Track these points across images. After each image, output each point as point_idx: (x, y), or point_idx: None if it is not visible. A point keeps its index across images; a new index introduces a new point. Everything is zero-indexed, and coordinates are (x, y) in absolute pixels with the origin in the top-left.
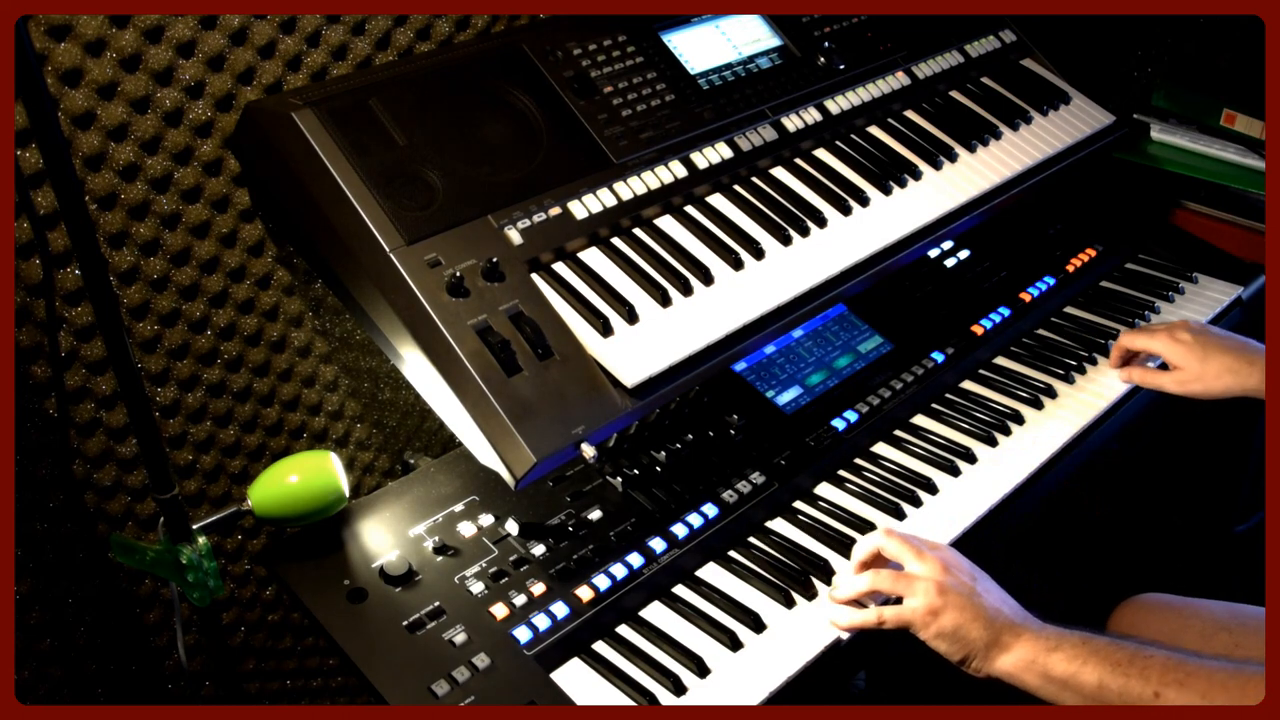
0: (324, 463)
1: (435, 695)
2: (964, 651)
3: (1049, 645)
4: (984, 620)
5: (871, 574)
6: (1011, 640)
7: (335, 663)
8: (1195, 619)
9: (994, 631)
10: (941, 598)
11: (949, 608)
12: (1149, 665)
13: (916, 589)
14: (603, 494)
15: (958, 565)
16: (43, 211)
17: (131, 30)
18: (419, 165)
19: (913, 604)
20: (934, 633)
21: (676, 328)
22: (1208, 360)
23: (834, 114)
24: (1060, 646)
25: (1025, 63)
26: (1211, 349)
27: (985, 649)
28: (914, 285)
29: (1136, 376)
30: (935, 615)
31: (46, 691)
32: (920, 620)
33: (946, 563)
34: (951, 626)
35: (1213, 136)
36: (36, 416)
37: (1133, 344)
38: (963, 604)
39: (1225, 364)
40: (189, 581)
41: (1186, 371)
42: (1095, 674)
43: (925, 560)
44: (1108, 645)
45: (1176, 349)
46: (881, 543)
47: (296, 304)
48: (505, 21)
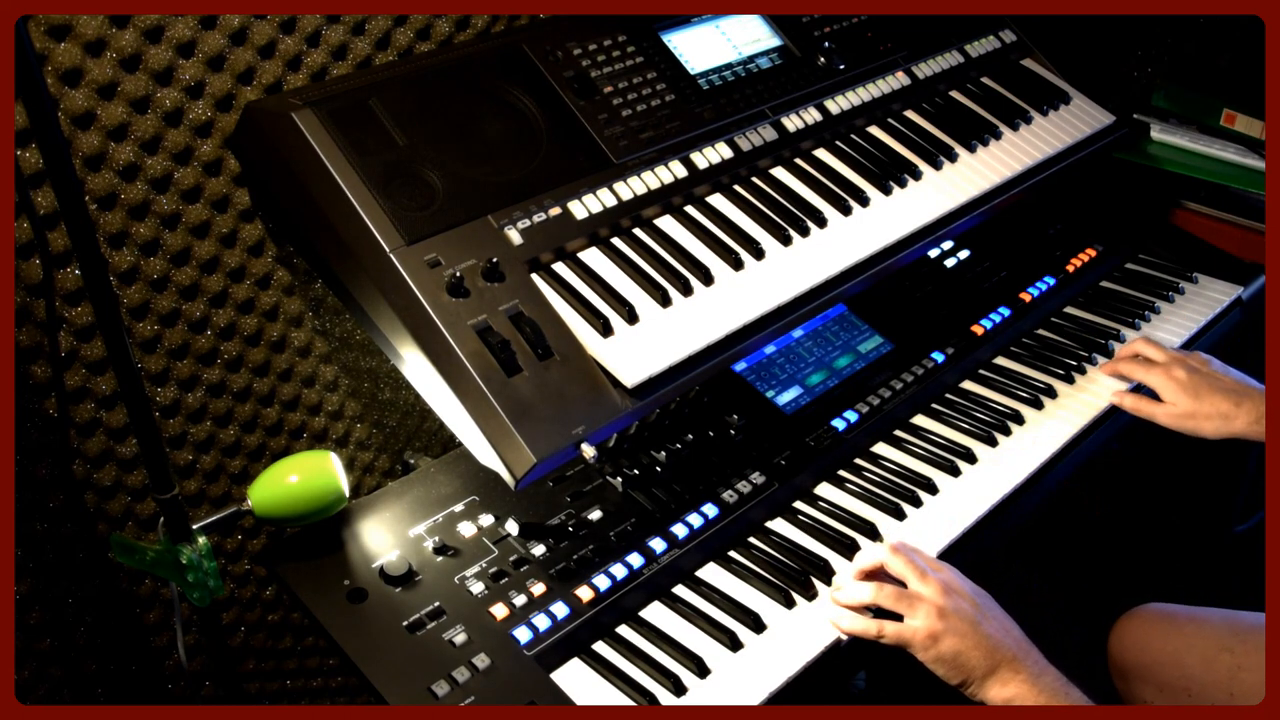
0: (324, 463)
1: (435, 695)
2: (961, 677)
3: (1041, 699)
4: (985, 650)
5: (875, 587)
6: (1009, 676)
7: (335, 663)
8: (1197, 637)
9: (993, 662)
10: (942, 622)
11: (949, 633)
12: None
13: (918, 611)
14: (603, 494)
15: (960, 590)
16: (43, 211)
17: (131, 30)
18: (419, 165)
19: (913, 624)
20: (933, 656)
21: (676, 328)
22: (1200, 400)
23: (834, 114)
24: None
25: (1025, 63)
26: (1205, 390)
27: (982, 678)
28: (914, 285)
29: (1129, 404)
30: (935, 640)
31: (46, 691)
32: (919, 642)
33: (949, 586)
34: (951, 652)
35: (1213, 136)
36: (36, 416)
37: (1131, 374)
38: (964, 631)
39: (1216, 407)
40: (189, 581)
41: (1178, 408)
42: None
43: (928, 582)
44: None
45: (1170, 385)
46: (886, 558)
47: (296, 304)
48: (505, 21)
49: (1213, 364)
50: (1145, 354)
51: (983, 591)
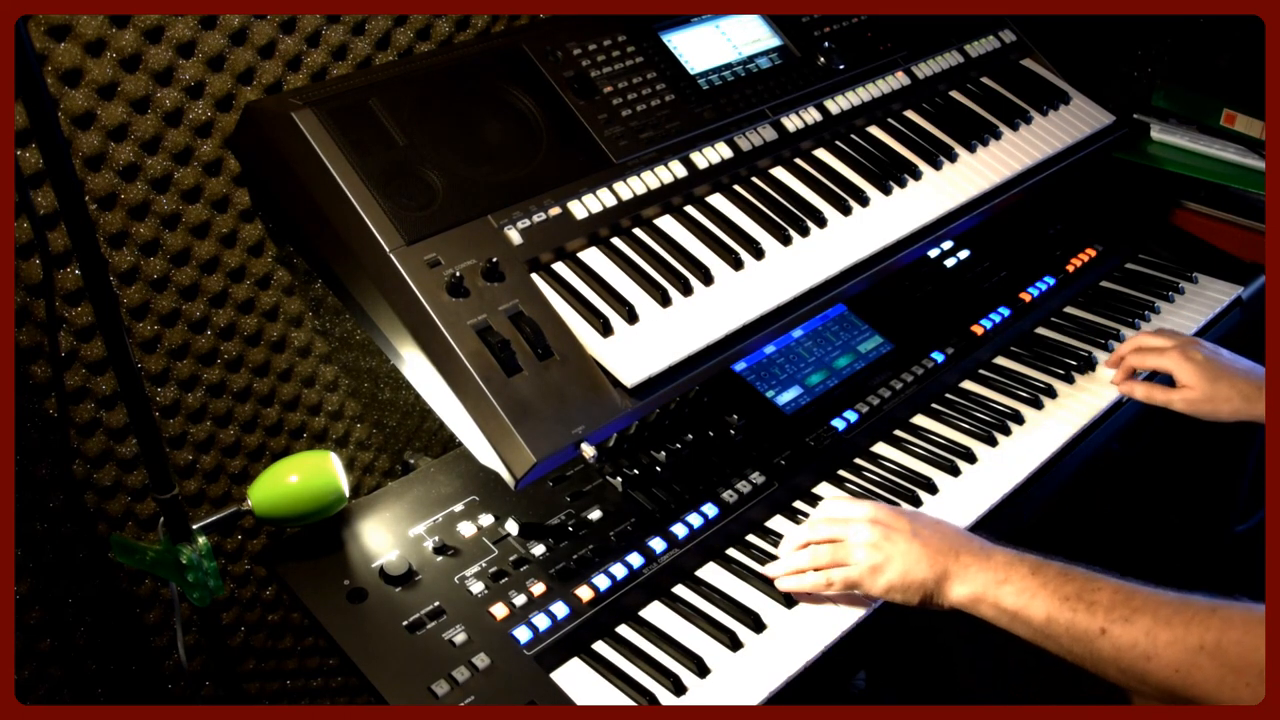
0: (324, 463)
1: (435, 695)
2: (920, 594)
3: (998, 578)
4: (928, 559)
5: (809, 551)
6: (960, 571)
7: (335, 663)
8: None
9: (941, 565)
10: (878, 553)
11: (889, 560)
12: (1096, 599)
13: (854, 553)
14: (603, 494)
15: (886, 519)
16: (43, 211)
17: (131, 30)
18: (419, 165)
19: (856, 565)
20: (884, 587)
21: (676, 328)
22: (1219, 382)
23: (834, 114)
24: (1009, 579)
25: (1025, 63)
26: (1222, 371)
27: (938, 584)
28: (914, 285)
29: (1141, 393)
30: (879, 570)
31: (46, 691)
32: (866, 578)
33: (874, 519)
34: (899, 575)
35: (1213, 136)
36: (36, 416)
37: (1142, 363)
38: (902, 549)
39: (1237, 388)
40: (189, 581)
41: (1196, 391)
42: (1043, 608)
43: (852, 526)
44: (1057, 576)
45: (1187, 367)
46: (809, 534)
47: (296, 304)
48: (505, 21)
49: (1221, 350)
50: (1148, 345)
51: (910, 509)
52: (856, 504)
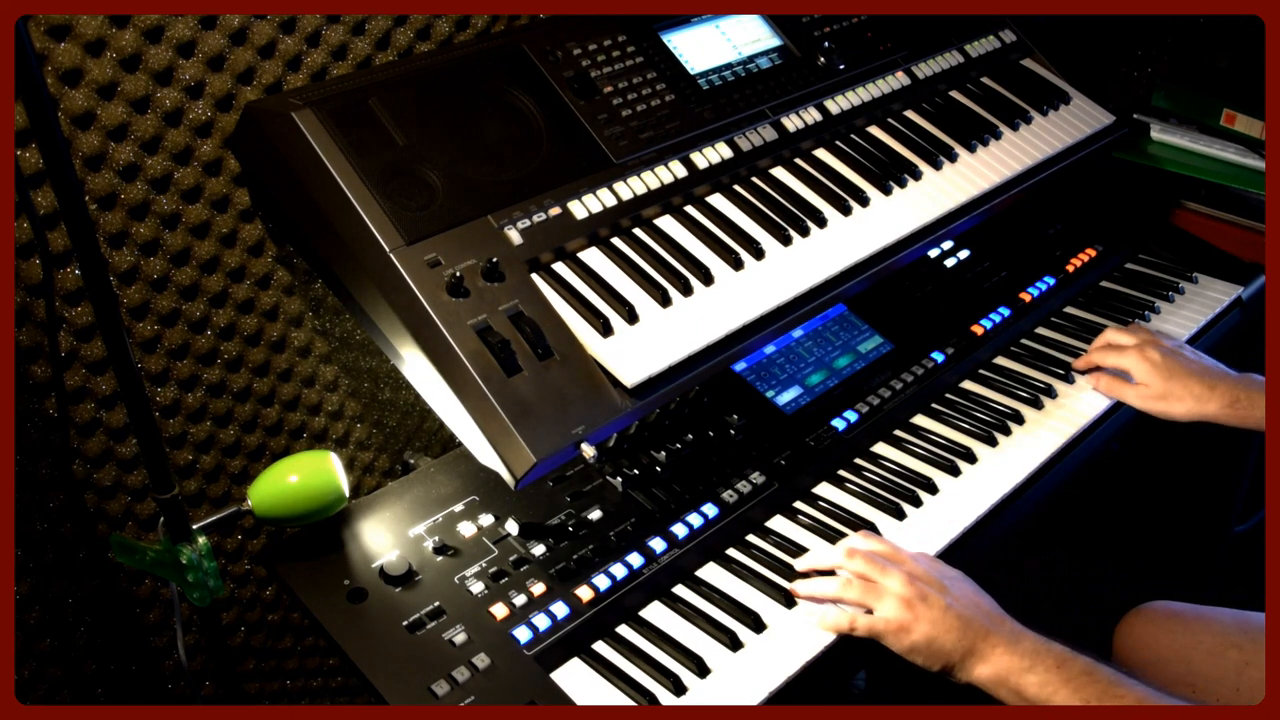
0: (324, 463)
1: (435, 695)
2: (941, 663)
3: (1023, 665)
4: (957, 631)
5: (841, 581)
6: (988, 651)
7: (335, 663)
8: (1205, 634)
9: (969, 641)
10: (910, 612)
11: (919, 622)
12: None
13: (884, 603)
14: (603, 494)
15: (924, 575)
16: (43, 211)
17: (131, 30)
18: (419, 165)
19: (884, 616)
20: (907, 647)
21: (676, 328)
22: (1172, 380)
23: (834, 114)
24: (1034, 668)
25: (1025, 63)
26: (1177, 370)
27: (962, 659)
28: (914, 285)
29: (1103, 385)
30: (906, 631)
31: (46, 691)
32: (891, 635)
33: (913, 574)
34: (924, 640)
35: (1213, 136)
36: (36, 416)
37: (1103, 361)
38: (933, 618)
39: (1189, 388)
40: (189, 581)
41: (1149, 389)
42: (1064, 705)
43: (890, 575)
44: (1082, 674)
45: (1144, 366)
46: (844, 562)
47: (296, 304)
48: (505, 21)
49: (1184, 349)
50: (1115, 341)
51: (950, 570)
52: (901, 551)
